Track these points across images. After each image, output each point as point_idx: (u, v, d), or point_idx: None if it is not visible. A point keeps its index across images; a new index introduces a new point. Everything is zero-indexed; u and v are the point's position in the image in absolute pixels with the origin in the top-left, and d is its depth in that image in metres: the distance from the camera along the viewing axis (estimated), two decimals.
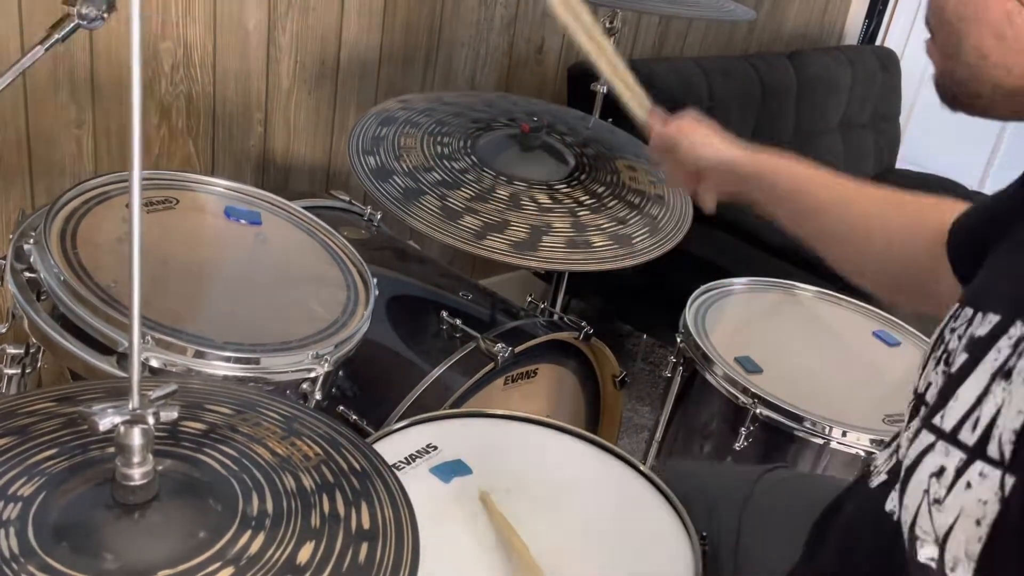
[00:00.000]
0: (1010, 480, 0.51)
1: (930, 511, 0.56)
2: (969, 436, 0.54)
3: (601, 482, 1.04)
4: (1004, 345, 0.54)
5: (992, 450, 0.53)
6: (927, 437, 0.58)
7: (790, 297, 1.65)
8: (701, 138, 1.07)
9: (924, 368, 0.66)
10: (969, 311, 0.61)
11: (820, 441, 1.32)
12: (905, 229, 0.89)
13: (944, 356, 0.62)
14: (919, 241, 0.86)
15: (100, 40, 1.58)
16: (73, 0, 1.02)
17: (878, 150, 3.36)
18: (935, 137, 3.48)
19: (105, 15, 1.04)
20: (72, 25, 1.03)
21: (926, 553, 0.56)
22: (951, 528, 0.54)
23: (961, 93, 0.62)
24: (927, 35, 0.65)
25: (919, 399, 0.65)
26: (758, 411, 1.33)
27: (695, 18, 2.63)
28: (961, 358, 0.58)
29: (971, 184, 3.43)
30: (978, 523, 0.53)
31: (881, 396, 1.41)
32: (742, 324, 1.53)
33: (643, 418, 2.31)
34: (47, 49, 1.04)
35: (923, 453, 0.58)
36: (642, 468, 1.05)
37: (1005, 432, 0.52)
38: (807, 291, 1.66)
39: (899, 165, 3.54)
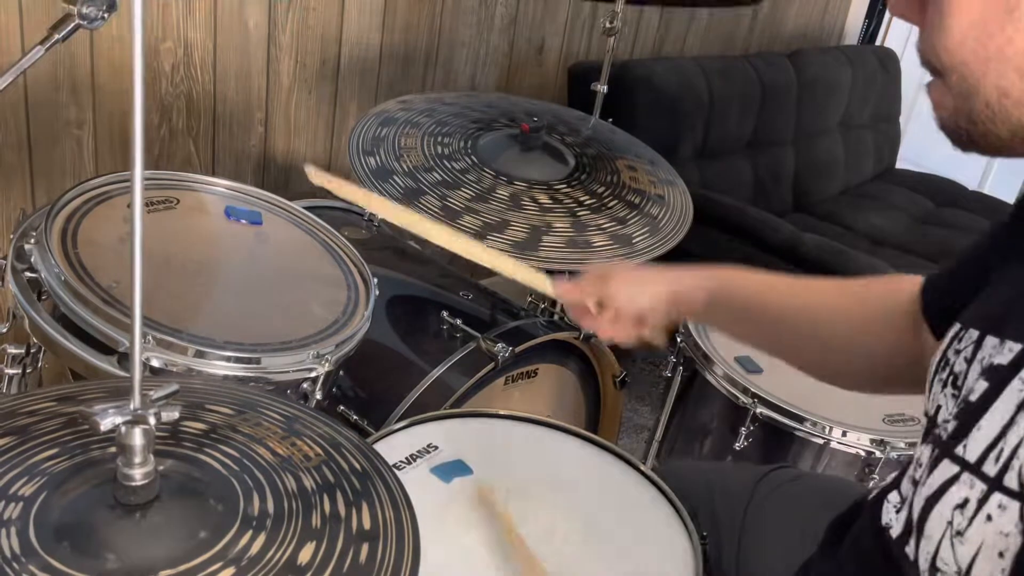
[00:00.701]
0: (1009, 504, 0.51)
1: (952, 543, 0.55)
2: (992, 467, 0.54)
3: (601, 482, 1.04)
4: None
5: (1010, 480, 0.52)
6: (950, 467, 0.57)
7: None
8: (635, 284, 0.97)
9: (931, 389, 0.65)
10: (975, 333, 0.59)
11: (820, 441, 1.33)
12: (866, 317, 0.87)
13: (951, 379, 0.61)
14: (883, 326, 0.84)
15: (101, 40, 1.58)
16: (74, 0, 1.02)
17: (878, 150, 3.36)
18: (935, 137, 3.46)
19: (106, 15, 1.04)
20: (72, 25, 1.03)
21: None
22: (973, 560, 0.54)
23: (977, 134, 0.58)
24: (929, 78, 0.60)
25: (931, 422, 0.64)
26: (758, 411, 1.33)
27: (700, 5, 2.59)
28: (981, 386, 0.56)
29: (971, 184, 3.44)
30: (1001, 555, 0.52)
31: (881, 396, 1.41)
32: None
33: (643, 418, 2.31)
34: (47, 49, 1.04)
35: (947, 484, 0.57)
36: (642, 468, 1.05)
37: None
38: None
39: (899, 165, 3.54)
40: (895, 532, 0.63)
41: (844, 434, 1.31)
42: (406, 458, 1.00)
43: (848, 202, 3.06)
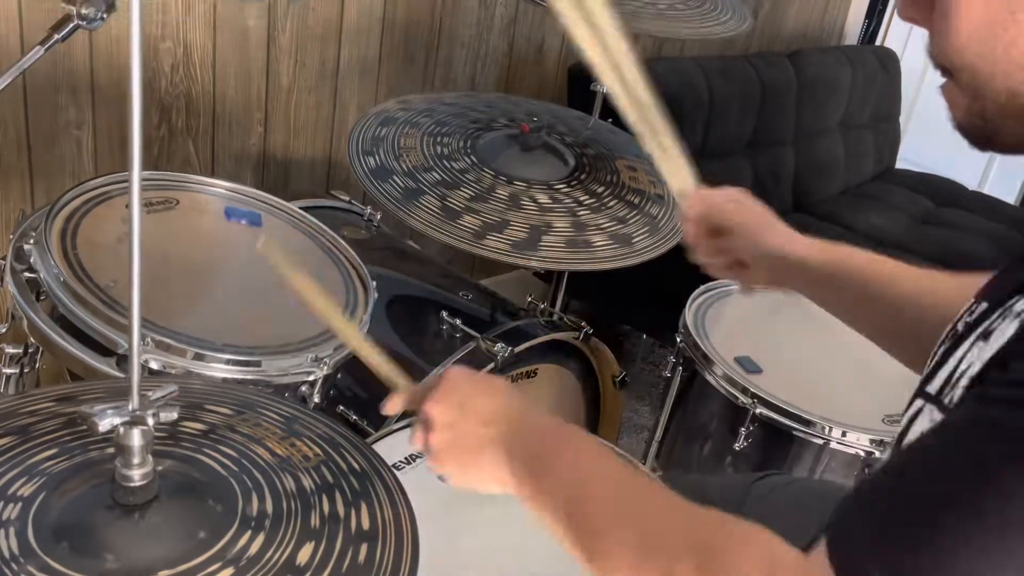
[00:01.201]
0: (939, 416, 0.55)
1: None
2: (948, 395, 0.56)
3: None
4: (996, 315, 0.55)
5: (947, 398, 0.55)
6: (917, 403, 0.60)
7: (790, 297, 1.64)
8: (765, 227, 0.96)
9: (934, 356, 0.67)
10: (984, 305, 0.61)
11: (820, 441, 1.32)
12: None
13: (954, 339, 0.63)
14: None
15: (100, 40, 1.58)
16: (73, 0, 1.02)
17: (878, 150, 3.36)
18: (935, 137, 3.47)
19: (104, 15, 1.04)
20: (72, 25, 1.03)
21: None
22: None
23: (991, 131, 0.59)
24: (941, 79, 0.61)
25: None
26: (758, 411, 1.33)
27: (688, 38, 2.62)
28: (966, 340, 0.59)
29: (971, 184, 3.43)
30: None
31: (881, 396, 1.41)
32: (742, 324, 1.53)
33: (643, 418, 2.31)
34: (47, 49, 1.04)
35: (914, 417, 0.60)
36: (641, 468, 1.05)
37: (964, 378, 0.54)
38: None
39: (899, 165, 3.54)
40: None
41: (844, 434, 1.31)
42: (405, 458, 1.00)
43: (848, 202, 3.05)
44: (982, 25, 0.55)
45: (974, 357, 0.54)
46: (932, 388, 0.59)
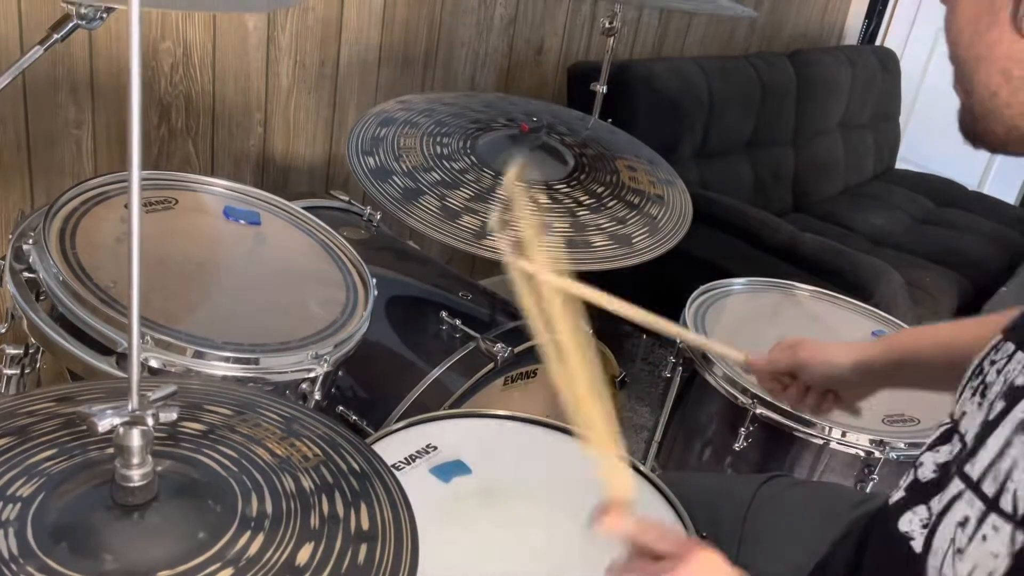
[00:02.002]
0: (1020, 537, 0.52)
1: (954, 560, 0.56)
2: (991, 488, 0.55)
3: (600, 482, 1.04)
4: None
5: (1005, 503, 0.53)
6: (957, 484, 0.58)
7: (789, 297, 1.65)
8: (822, 358, 1.00)
9: (961, 394, 0.66)
10: (1010, 347, 0.60)
11: (820, 441, 1.32)
12: None
13: (982, 388, 0.61)
14: None
15: (100, 40, 1.58)
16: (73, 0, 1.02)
17: (878, 150, 3.36)
18: (935, 137, 3.49)
19: (104, 15, 1.04)
20: (71, 25, 1.03)
21: None
22: None
23: (980, 129, 0.60)
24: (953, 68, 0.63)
25: (952, 425, 0.64)
26: (757, 411, 1.33)
27: (696, 12, 2.62)
28: (999, 405, 0.57)
29: (971, 184, 3.44)
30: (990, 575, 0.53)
31: (881, 397, 1.40)
32: (742, 324, 1.53)
33: (643, 418, 2.31)
34: (47, 49, 1.04)
35: (953, 500, 0.58)
36: (642, 468, 1.05)
37: (1020, 487, 0.52)
38: (806, 291, 1.67)
39: (899, 165, 3.54)
40: (918, 546, 0.63)
41: (844, 434, 1.31)
42: (405, 458, 1.00)
43: (848, 202, 3.06)
44: (971, 21, 0.57)
45: (1017, 455, 0.53)
46: (972, 472, 0.57)
